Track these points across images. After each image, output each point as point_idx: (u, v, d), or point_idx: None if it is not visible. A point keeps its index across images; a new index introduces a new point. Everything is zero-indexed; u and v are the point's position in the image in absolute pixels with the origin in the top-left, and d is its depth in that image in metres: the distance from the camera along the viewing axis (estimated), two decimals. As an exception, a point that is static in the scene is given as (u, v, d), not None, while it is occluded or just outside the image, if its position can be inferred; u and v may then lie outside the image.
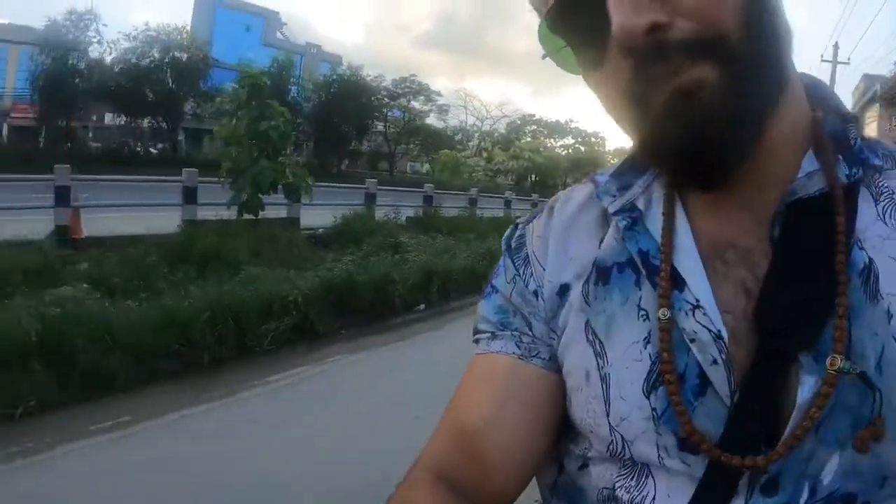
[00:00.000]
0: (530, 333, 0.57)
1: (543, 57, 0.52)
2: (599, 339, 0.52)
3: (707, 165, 0.45)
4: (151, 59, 26.12)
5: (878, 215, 0.48)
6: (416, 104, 36.68)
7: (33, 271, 5.14)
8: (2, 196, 7.50)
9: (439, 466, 0.57)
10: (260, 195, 7.73)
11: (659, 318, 0.48)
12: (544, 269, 0.57)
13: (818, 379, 0.43)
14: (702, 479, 0.46)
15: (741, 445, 0.44)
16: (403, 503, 0.54)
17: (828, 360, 0.42)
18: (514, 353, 0.57)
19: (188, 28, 29.66)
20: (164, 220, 7.44)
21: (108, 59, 26.24)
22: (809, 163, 0.47)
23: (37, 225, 6.73)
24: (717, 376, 0.45)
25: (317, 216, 9.56)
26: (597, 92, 0.50)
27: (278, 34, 48.57)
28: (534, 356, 0.56)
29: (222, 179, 7.90)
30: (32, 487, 2.82)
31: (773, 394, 0.44)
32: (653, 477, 0.49)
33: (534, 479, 0.59)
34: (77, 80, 24.85)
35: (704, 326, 0.46)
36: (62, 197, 6.94)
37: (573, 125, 47.42)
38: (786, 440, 0.43)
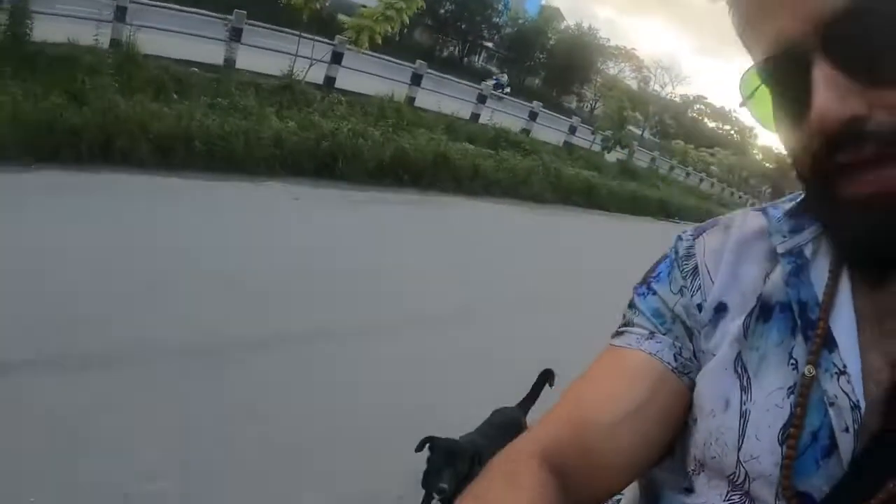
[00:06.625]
0: (691, 347, 0.57)
1: (741, 105, 0.50)
2: (748, 375, 0.52)
3: (886, 266, 0.45)
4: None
5: None
6: (626, 67, 45.53)
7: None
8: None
9: (549, 451, 0.55)
10: (618, 146, 17.87)
11: (803, 374, 0.48)
12: (713, 283, 0.57)
13: None
14: None
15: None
16: (507, 476, 0.53)
17: None
18: (669, 363, 0.56)
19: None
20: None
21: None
22: None
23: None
24: (845, 443, 0.46)
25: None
26: (785, 145, 0.48)
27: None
28: (685, 373, 0.56)
29: (595, 134, 18.29)
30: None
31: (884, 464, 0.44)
32: None
33: None
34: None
35: (845, 393, 0.46)
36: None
37: (734, 115, 51.42)
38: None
